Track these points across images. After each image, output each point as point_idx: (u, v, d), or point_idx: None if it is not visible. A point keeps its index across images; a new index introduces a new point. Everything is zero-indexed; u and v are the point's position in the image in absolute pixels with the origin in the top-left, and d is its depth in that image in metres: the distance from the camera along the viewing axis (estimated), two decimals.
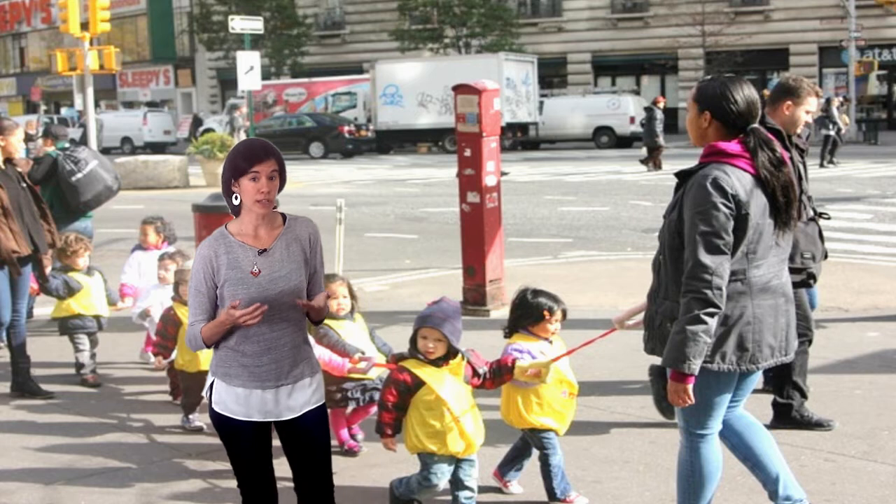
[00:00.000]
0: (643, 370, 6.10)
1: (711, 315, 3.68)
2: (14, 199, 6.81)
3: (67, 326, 7.46)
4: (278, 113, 41.41)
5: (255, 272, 3.55)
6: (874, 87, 42.80)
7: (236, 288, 3.55)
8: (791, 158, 4.14)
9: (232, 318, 3.48)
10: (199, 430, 6.12)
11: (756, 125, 3.87)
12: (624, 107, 37.86)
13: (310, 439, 3.72)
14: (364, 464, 5.48)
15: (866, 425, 5.85)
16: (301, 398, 3.67)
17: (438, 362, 4.48)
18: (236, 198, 3.59)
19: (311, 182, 25.59)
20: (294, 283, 3.60)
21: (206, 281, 3.59)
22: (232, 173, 3.55)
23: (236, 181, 3.55)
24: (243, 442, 3.68)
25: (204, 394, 3.86)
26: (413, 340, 4.53)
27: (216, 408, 3.67)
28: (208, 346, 3.64)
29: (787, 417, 5.78)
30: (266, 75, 39.02)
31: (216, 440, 5.93)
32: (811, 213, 5.69)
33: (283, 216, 3.69)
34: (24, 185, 7.08)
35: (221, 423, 3.69)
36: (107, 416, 6.48)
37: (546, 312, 4.77)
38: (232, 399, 3.63)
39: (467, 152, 9.12)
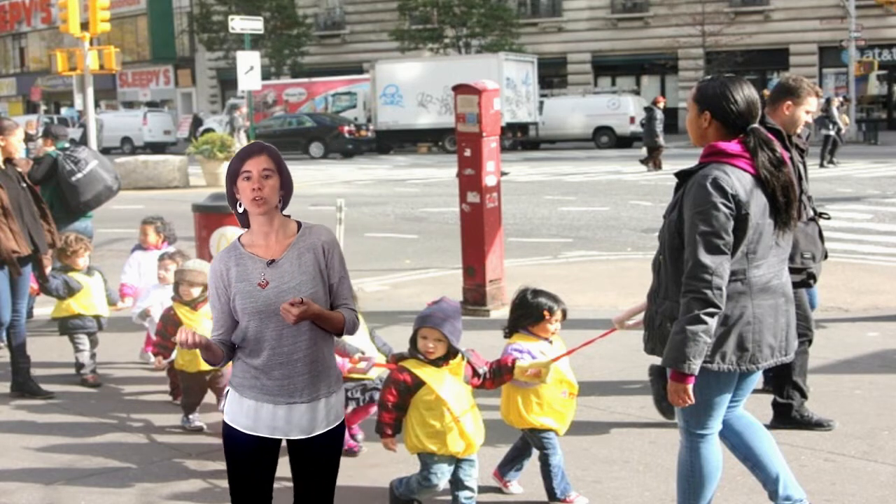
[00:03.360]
0: (643, 370, 6.10)
1: (711, 315, 3.68)
2: (14, 199, 6.81)
3: (67, 326, 7.45)
4: (278, 113, 41.41)
5: (263, 283, 3.44)
6: (874, 87, 42.77)
7: (245, 301, 3.45)
8: (791, 158, 4.14)
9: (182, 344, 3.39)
10: (199, 430, 6.12)
11: (756, 125, 3.87)
12: (624, 107, 37.85)
13: (318, 461, 3.61)
14: (364, 464, 5.48)
15: (866, 425, 5.85)
16: (316, 419, 3.53)
17: (438, 362, 4.48)
18: (240, 205, 3.50)
19: (311, 182, 25.58)
20: (305, 294, 3.40)
21: (219, 296, 3.52)
22: (231, 180, 3.49)
23: (235, 187, 3.48)
24: (245, 457, 3.57)
25: (220, 403, 3.80)
26: (413, 340, 4.53)
27: (226, 418, 3.59)
28: (213, 366, 3.59)
29: (787, 417, 5.78)
30: (266, 75, 39.04)
31: (216, 440, 5.93)
32: (811, 213, 5.69)
33: (299, 224, 3.56)
34: (24, 185, 7.08)
35: (228, 435, 3.59)
36: (107, 416, 6.48)
37: (546, 312, 4.77)
38: (242, 412, 3.53)
39: (467, 152, 9.12)
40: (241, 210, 3.51)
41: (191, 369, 6.18)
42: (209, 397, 6.30)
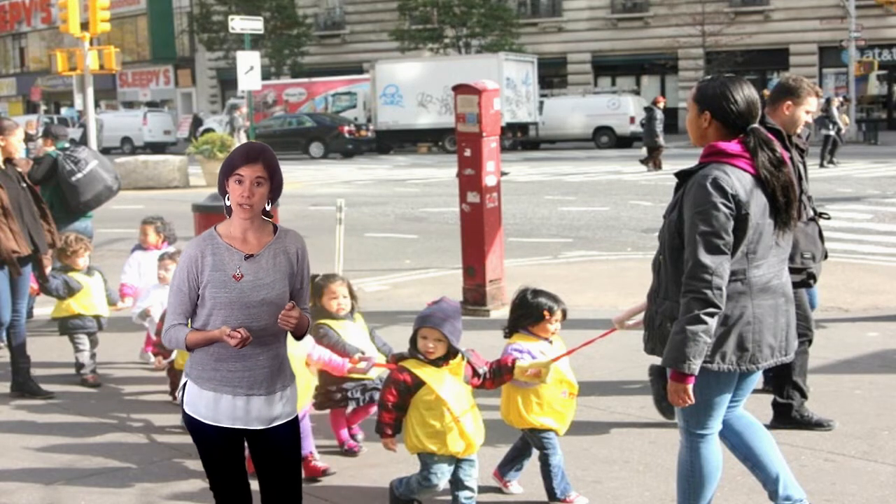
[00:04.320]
0: (643, 370, 6.10)
1: (711, 315, 3.68)
2: (14, 199, 6.81)
3: (67, 326, 7.46)
4: (278, 113, 41.41)
5: (238, 276, 3.52)
6: (874, 87, 42.77)
7: (218, 290, 3.52)
8: (791, 158, 4.14)
9: (224, 340, 3.45)
10: None
11: (756, 125, 3.87)
12: (624, 107, 37.84)
13: (279, 453, 3.70)
14: (364, 464, 5.48)
15: (866, 425, 5.85)
16: (273, 411, 3.64)
17: (438, 362, 4.48)
18: (228, 198, 3.57)
19: (311, 182, 25.59)
20: (276, 292, 3.56)
21: (188, 280, 3.57)
22: (223, 172, 3.55)
23: (227, 182, 3.54)
24: (213, 446, 3.67)
25: (177, 394, 3.85)
26: (413, 340, 4.53)
27: (187, 409, 3.67)
28: (188, 351, 3.63)
29: (787, 417, 5.78)
30: (266, 75, 39.02)
31: None
32: (811, 213, 5.69)
33: (275, 227, 3.67)
34: (24, 185, 7.08)
35: (192, 426, 3.69)
36: (107, 416, 6.48)
37: (546, 312, 4.77)
38: (202, 403, 3.61)
39: (467, 152, 9.12)
40: (228, 203, 3.59)
41: None
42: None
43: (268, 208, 3.61)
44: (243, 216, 3.54)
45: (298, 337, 3.66)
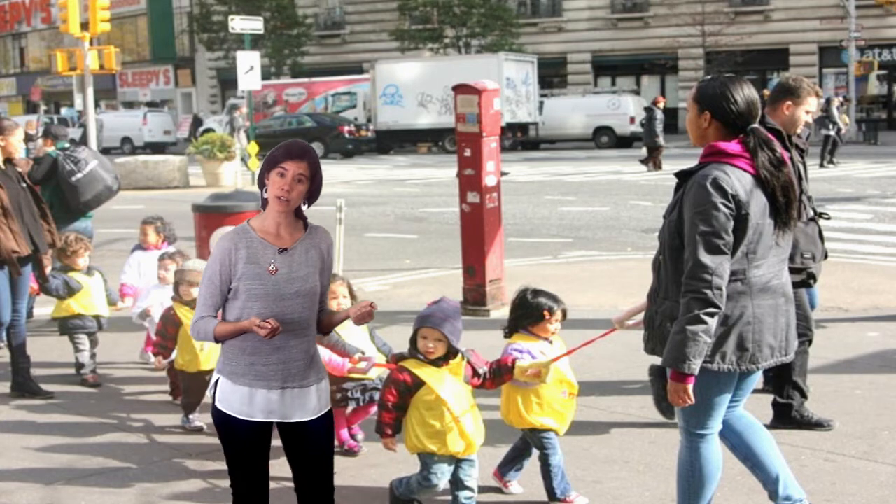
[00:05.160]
0: (643, 370, 6.10)
1: (711, 315, 3.68)
2: (14, 199, 6.81)
3: (67, 326, 7.45)
4: (278, 113, 41.41)
5: (273, 270, 3.57)
6: (874, 87, 42.78)
7: (252, 283, 3.56)
8: (791, 158, 4.13)
9: (253, 330, 3.48)
10: (199, 430, 6.12)
11: (756, 125, 3.87)
12: (624, 107, 37.84)
13: (314, 445, 3.73)
14: (364, 464, 5.48)
15: (866, 425, 5.85)
16: (308, 403, 3.67)
17: (438, 362, 4.48)
18: (266, 191, 3.61)
19: None
20: (309, 285, 3.63)
21: (221, 273, 3.60)
22: (267, 165, 3.60)
23: (268, 175, 3.59)
24: (242, 442, 3.68)
25: (208, 392, 3.86)
26: (413, 340, 4.53)
27: (219, 405, 3.67)
28: (217, 342, 3.64)
29: (787, 417, 5.78)
30: (266, 75, 38.96)
31: (216, 440, 5.94)
32: (811, 213, 5.69)
33: (306, 224, 3.72)
34: (24, 185, 7.08)
35: (223, 422, 3.69)
36: (107, 416, 6.48)
37: (546, 312, 4.77)
38: (237, 398, 3.63)
39: (467, 152, 9.12)
40: (265, 195, 3.63)
41: (191, 369, 6.18)
42: (209, 397, 6.29)
43: (304, 208, 3.67)
44: (279, 208, 3.58)
45: (325, 333, 3.82)
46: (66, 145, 9.45)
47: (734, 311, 3.79)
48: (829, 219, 6.22)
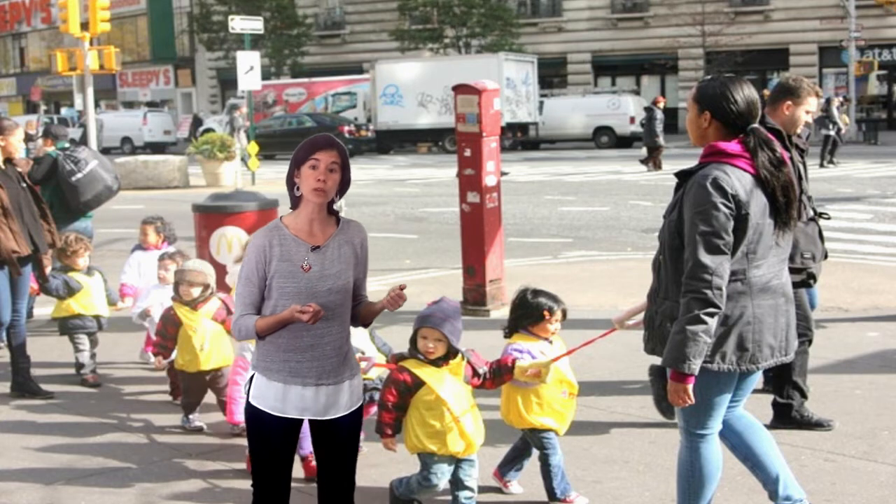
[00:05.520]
0: (643, 370, 6.10)
1: (711, 315, 3.68)
2: (14, 199, 6.81)
3: (67, 326, 7.45)
4: (278, 113, 41.39)
5: (306, 267, 3.58)
6: (874, 87, 42.78)
7: (286, 281, 3.57)
8: (791, 158, 4.14)
9: (296, 319, 3.48)
10: (199, 430, 6.12)
11: (756, 125, 3.87)
12: (624, 107, 37.83)
13: (342, 441, 3.75)
14: (364, 464, 5.45)
15: (866, 425, 5.85)
16: (342, 400, 3.69)
17: (438, 362, 4.48)
18: (298, 189, 3.61)
19: None
20: (343, 282, 3.64)
21: (257, 271, 3.60)
22: (294, 163, 3.59)
23: (298, 171, 3.58)
24: (272, 438, 3.69)
25: (243, 388, 3.86)
26: (413, 340, 4.53)
27: (253, 401, 3.67)
28: (260, 339, 3.64)
29: (787, 417, 5.78)
30: (266, 75, 38.95)
31: (216, 440, 5.96)
32: (811, 213, 5.69)
33: (338, 219, 3.72)
34: (24, 185, 7.08)
35: (255, 417, 3.69)
36: (107, 416, 6.48)
37: (546, 312, 4.77)
38: (271, 394, 3.64)
39: (467, 152, 9.12)
40: (297, 194, 3.63)
41: (191, 369, 6.18)
42: (209, 397, 6.30)
43: (336, 200, 3.67)
44: (317, 200, 3.58)
45: (365, 325, 3.86)
46: (66, 145, 9.45)
47: (734, 311, 3.79)
48: (829, 219, 6.22)
